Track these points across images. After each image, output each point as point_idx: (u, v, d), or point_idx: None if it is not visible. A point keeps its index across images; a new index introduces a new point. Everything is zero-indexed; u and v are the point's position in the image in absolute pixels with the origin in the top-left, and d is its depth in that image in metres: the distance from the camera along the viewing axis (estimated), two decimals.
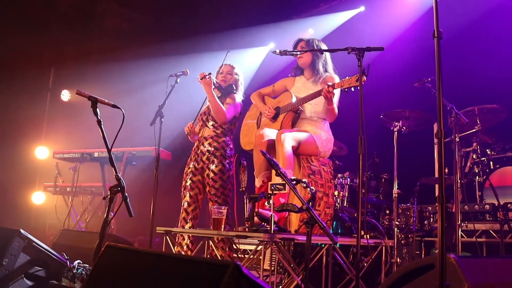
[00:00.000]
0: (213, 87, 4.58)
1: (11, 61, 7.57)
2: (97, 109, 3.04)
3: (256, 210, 3.50)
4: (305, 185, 3.21)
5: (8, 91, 7.71)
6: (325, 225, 2.81)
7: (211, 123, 4.77)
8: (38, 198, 7.64)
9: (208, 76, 4.49)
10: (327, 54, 4.47)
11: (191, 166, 4.79)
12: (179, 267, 1.57)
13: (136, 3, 8.68)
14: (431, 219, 4.99)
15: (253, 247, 4.94)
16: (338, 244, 4.20)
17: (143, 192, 5.84)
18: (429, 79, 4.63)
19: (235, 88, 4.86)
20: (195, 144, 4.86)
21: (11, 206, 7.51)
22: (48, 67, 8.32)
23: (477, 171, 5.37)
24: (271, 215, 3.29)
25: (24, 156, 7.89)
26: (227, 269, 1.33)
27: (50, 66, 8.34)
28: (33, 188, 7.77)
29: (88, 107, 3.09)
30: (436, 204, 2.03)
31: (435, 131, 5.63)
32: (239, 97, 4.86)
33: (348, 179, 5.36)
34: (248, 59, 8.34)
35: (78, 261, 3.35)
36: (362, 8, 7.71)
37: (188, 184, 4.75)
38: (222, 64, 4.96)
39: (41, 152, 7.81)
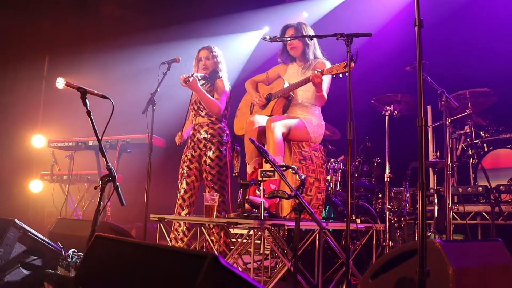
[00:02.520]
0: (199, 84, 4.57)
1: (5, 49, 7.56)
2: (87, 100, 3.07)
3: (247, 197, 3.55)
4: (294, 171, 3.25)
5: (3, 80, 7.73)
6: (313, 212, 2.85)
7: (204, 112, 4.78)
8: (35, 186, 7.67)
9: (191, 78, 4.45)
10: (316, 40, 4.47)
11: (188, 153, 4.82)
12: (161, 257, 1.61)
13: None
14: None
15: (246, 231, 5.00)
16: (330, 229, 4.26)
17: (139, 179, 5.88)
18: None
19: (219, 72, 4.84)
20: (191, 132, 4.88)
21: (8, 195, 7.56)
22: (42, 55, 8.30)
23: (471, 153, 5.41)
24: (261, 201, 3.33)
25: (20, 145, 7.91)
26: (205, 260, 1.37)
27: (45, 54, 8.32)
28: (30, 177, 7.80)
29: None
30: (418, 190, 2.05)
31: (428, 114, 5.69)
32: (226, 82, 4.83)
33: (341, 164, 5.40)
34: (242, 43, 8.34)
35: (73, 250, 3.39)
36: None
37: (185, 171, 4.78)
38: (199, 50, 4.91)
39: (38, 141, 7.82)
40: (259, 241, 4.91)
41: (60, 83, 8.17)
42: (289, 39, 4.35)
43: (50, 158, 6.86)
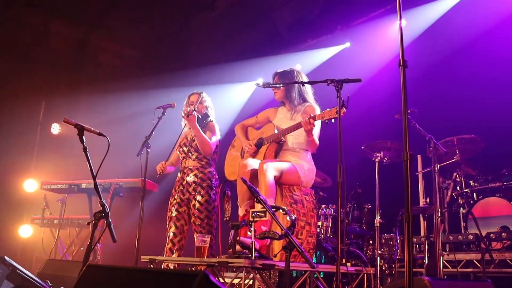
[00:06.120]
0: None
1: (2, 94, 7.67)
2: (83, 137, 3.13)
3: (238, 238, 3.56)
4: (284, 212, 3.29)
5: None
6: (303, 250, 2.88)
7: (195, 155, 4.85)
8: (25, 231, 7.59)
9: (193, 113, 4.58)
10: (307, 85, 4.58)
11: (176, 197, 4.85)
12: (154, 279, 1.64)
13: (127, 39, 8.88)
14: (414, 249, 5.06)
15: (238, 280, 4.96)
16: (321, 274, 4.25)
17: (130, 222, 5.87)
18: (409, 111, 4.77)
19: (209, 115, 4.97)
20: (179, 175, 4.93)
21: None
22: (39, 100, 8.41)
23: (461, 202, 5.47)
24: (252, 242, 3.35)
25: (12, 189, 7.87)
26: (196, 277, 1.41)
27: (41, 99, 8.44)
28: (20, 221, 7.74)
29: (77, 140, 3.18)
30: (404, 222, 2.10)
31: (418, 162, 5.79)
32: (216, 124, 4.96)
33: (332, 210, 5.44)
34: (236, 94, 8.50)
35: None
36: (347, 44, 7.97)
37: (173, 215, 4.80)
38: (189, 95, 5.07)
39: (30, 185, 7.81)
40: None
41: (55, 128, 8.34)
42: (281, 85, 4.47)
43: (41, 202, 6.83)
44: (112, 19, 8.56)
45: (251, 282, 4.47)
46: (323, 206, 5.49)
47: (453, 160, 5.08)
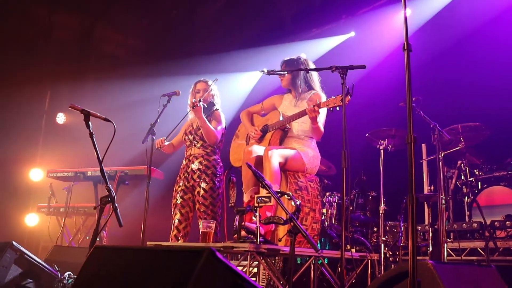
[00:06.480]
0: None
1: (7, 84, 7.70)
2: (90, 123, 3.16)
3: (243, 223, 3.59)
4: (289, 197, 3.31)
5: (4, 114, 7.82)
6: (307, 234, 2.90)
7: (200, 143, 4.88)
8: (31, 220, 7.66)
9: (199, 104, 4.60)
10: (314, 73, 4.58)
11: (181, 184, 4.88)
12: (161, 258, 1.66)
13: (132, 30, 8.88)
14: (418, 237, 5.07)
15: (241, 268, 4.99)
16: (326, 260, 4.28)
17: (136, 210, 5.90)
18: (414, 99, 4.77)
19: (215, 105, 4.99)
20: (184, 163, 4.96)
21: (4, 229, 7.52)
22: (44, 90, 8.45)
23: (465, 191, 5.47)
24: (257, 227, 3.37)
25: (18, 178, 7.93)
26: (202, 254, 1.43)
27: (47, 90, 8.47)
28: (26, 210, 7.80)
29: (82, 129, 3.21)
30: (409, 204, 2.11)
31: (423, 150, 5.79)
32: (222, 113, 4.99)
33: (337, 197, 5.45)
34: (241, 83, 8.50)
35: (69, 272, 3.42)
36: (352, 33, 7.94)
37: (178, 202, 4.83)
38: (195, 83, 5.09)
39: (36, 174, 7.86)
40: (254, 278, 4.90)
41: (61, 118, 8.37)
42: (285, 72, 4.47)
43: (47, 191, 6.87)
44: (116, 10, 8.55)
45: (255, 270, 4.52)
46: (327, 193, 5.50)
47: (458, 147, 5.07)
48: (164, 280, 1.54)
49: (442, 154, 4.59)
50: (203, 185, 4.75)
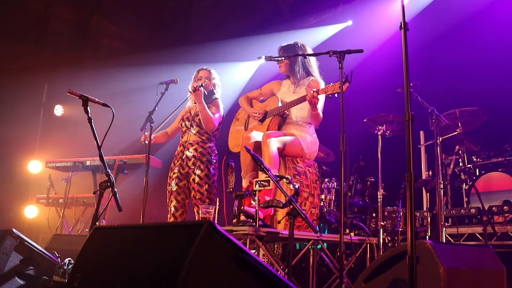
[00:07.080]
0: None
1: (5, 76, 7.69)
2: (88, 108, 3.16)
3: (242, 207, 3.60)
4: (288, 181, 3.32)
5: (2, 106, 7.81)
6: (306, 215, 2.91)
7: (196, 129, 4.88)
8: (30, 211, 7.65)
9: (201, 88, 4.61)
10: (312, 59, 4.58)
11: (175, 171, 4.89)
12: (161, 233, 1.67)
13: (128, 21, 8.86)
14: (417, 222, 5.09)
15: None
16: (326, 245, 4.30)
17: (135, 199, 5.91)
18: (411, 84, 4.77)
19: (215, 93, 5.00)
20: (179, 149, 4.97)
21: (3, 221, 7.53)
22: (42, 82, 8.43)
23: (464, 178, 5.48)
24: (256, 210, 3.38)
25: (17, 171, 7.94)
26: (202, 226, 1.44)
27: (44, 81, 8.46)
28: (25, 202, 7.80)
29: (80, 120, 3.21)
30: (406, 182, 2.12)
31: (421, 136, 5.80)
32: (221, 102, 5.00)
33: (335, 183, 5.46)
34: (238, 72, 8.48)
35: (69, 258, 3.42)
36: (349, 22, 7.92)
37: (174, 189, 4.85)
38: (198, 70, 5.08)
39: (34, 166, 7.86)
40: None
41: (58, 110, 8.36)
42: (283, 58, 4.47)
43: (46, 182, 6.87)
44: (113, 1, 8.54)
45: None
46: (326, 179, 5.51)
47: (456, 132, 5.08)
48: (165, 254, 1.55)
49: (440, 139, 4.60)
50: (198, 172, 4.76)
